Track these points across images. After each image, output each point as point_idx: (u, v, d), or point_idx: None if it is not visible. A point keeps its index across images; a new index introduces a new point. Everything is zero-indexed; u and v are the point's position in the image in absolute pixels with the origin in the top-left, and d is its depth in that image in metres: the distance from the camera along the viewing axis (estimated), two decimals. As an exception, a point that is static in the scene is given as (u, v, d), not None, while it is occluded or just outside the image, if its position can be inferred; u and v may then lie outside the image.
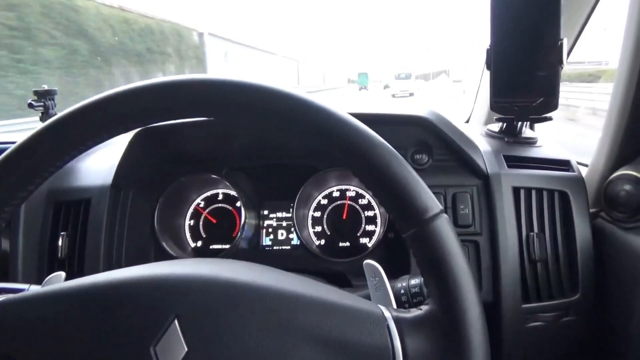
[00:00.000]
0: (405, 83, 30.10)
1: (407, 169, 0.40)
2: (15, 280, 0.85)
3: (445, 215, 0.40)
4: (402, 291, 0.60)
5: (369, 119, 0.49)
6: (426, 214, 0.39)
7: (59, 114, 0.42)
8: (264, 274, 0.42)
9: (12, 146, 0.42)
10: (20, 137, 0.43)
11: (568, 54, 1.01)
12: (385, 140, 0.41)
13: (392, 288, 0.52)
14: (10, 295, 0.41)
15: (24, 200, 0.43)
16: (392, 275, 0.54)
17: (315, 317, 0.37)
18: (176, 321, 0.36)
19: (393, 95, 26.84)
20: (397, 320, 0.38)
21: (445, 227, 0.39)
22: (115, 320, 0.37)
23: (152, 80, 0.42)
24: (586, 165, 0.95)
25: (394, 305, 0.47)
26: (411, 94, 26.30)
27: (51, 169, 0.43)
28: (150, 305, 0.37)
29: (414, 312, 0.39)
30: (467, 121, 1.40)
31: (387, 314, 0.39)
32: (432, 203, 0.39)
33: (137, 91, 0.41)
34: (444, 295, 0.38)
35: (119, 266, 0.85)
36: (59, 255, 0.84)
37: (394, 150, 0.40)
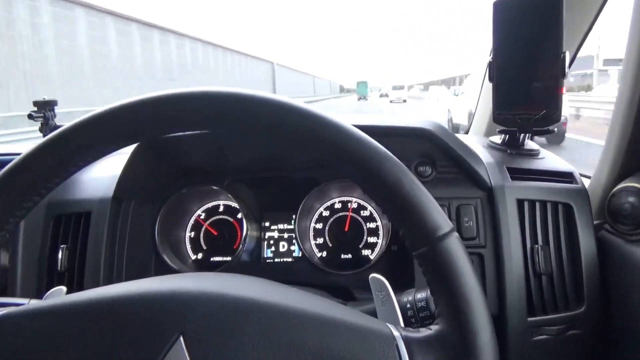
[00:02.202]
0: (400, 92, 39.03)
1: (418, 186, 0.40)
2: (14, 293, 0.84)
3: (456, 234, 0.39)
4: (409, 305, 0.59)
5: (373, 131, 0.49)
6: (437, 232, 0.38)
7: (62, 128, 0.42)
8: (270, 290, 0.42)
9: (16, 159, 0.42)
10: (23, 149, 0.42)
11: (569, 66, 1.02)
12: (389, 152, 0.41)
13: (398, 302, 0.51)
14: (11, 309, 0.40)
15: (28, 211, 0.43)
16: (396, 288, 0.54)
17: (323, 336, 0.37)
18: (181, 338, 0.36)
19: (391, 101, 35.45)
20: (406, 340, 0.38)
21: (456, 245, 0.39)
22: (119, 336, 0.37)
23: (160, 93, 0.42)
24: (589, 177, 0.95)
25: (402, 322, 0.47)
26: (404, 101, 34.66)
27: (56, 180, 0.42)
28: (155, 321, 0.37)
29: (424, 332, 0.39)
30: (467, 132, 1.40)
31: (396, 333, 0.38)
32: (443, 221, 0.39)
33: (142, 104, 0.41)
34: (454, 315, 0.37)
35: (120, 279, 0.84)
36: (59, 268, 0.83)
37: (405, 166, 0.40)
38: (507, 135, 0.96)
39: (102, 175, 0.90)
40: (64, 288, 0.51)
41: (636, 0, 0.77)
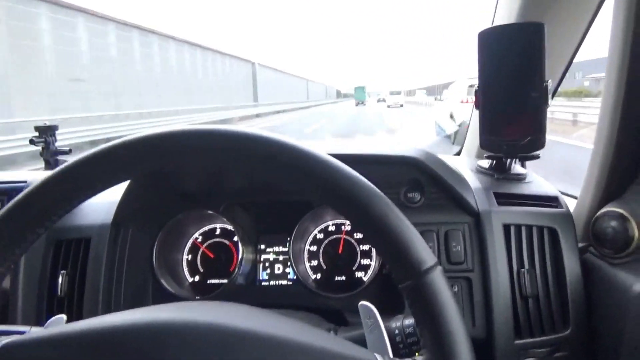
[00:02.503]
0: (397, 97, 41.90)
1: (404, 221, 0.42)
2: (15, 317, 0.86)
3: (439, 267, 0.41)
4: (397, 331, 0.61)
5: (362, 159, 0.51)
6: (422, 267, 0.40)
7: (68, 163, 0.45)
8: (261, 319, 0.43)
9: (21, 193, 0.44)
10: (27, 176, 0.45)
11: (553, 93, 1.05)
12: (379, 179, 0.43)
13: (387, 328, 0.53)
14: (14, 338, 0.42)
15: (32, 243, 0.45)
16: (388, 311, 0.55)
17: None
18: None
19: (388, 106, 37.34)
20: None
21: (439, 279, 0.41)
22: None
23: (161, 130, 0.45)
24: (575, 197, 0.97)
25: (389, 350, 0.49)
26: (401, 105, 36.43)
27: (60, 213, 0.45)
28: (148, 352, 0.38)
29: None
30: (459, 153, 1.43)
31: None
32: (427, 256, 0.41)
33: (144, 140, 0.44)
34: (438, 347, 0.39)
35: (118, 304, 0.86)
36: (59, 293, 0.85)
37: (390, 202, 0.42)
38: (494, 160, 0.99)
39: (101, 201, 0.93)
40: (64, 316, 0.53)
41: (612, 30, 0.80)
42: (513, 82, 0.89)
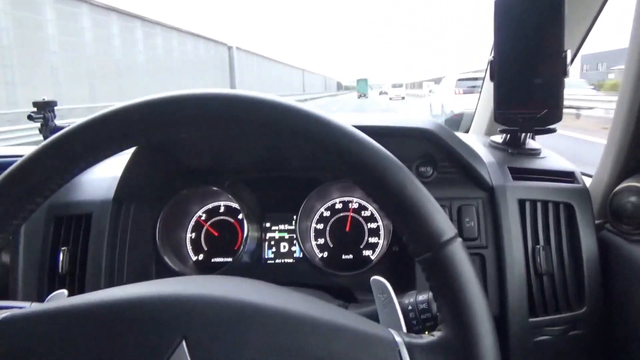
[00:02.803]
0: (398, 90, 42.12)
1: (422, 191, 0.39)
2: (15, 295, 0.85)
3: (459, 239, 0.39)
4: (410, 308, 0.59)
5: (374, 131, 0.49)
6: (441, 238, 0.38)
7: (64, 130, 0.42)
8: (273, 294, 0.42)
9: (18, 161, 0.42)
10: (24, 151, 0.42)
11: (571, 63, 1.02)
12: (390, 152, 0.40)
13: (400, 304, 0.51)
14: (14, 311, 0.40)
15: (30, 214, 0.43)
16: (397, 290, 0.54)
17: (326, 341, 0.37)
18: (184, 342, 0.36)
19: (390, 98, 38.66)
20: (409, 346, 0.38)
21: (459, 251, 0.38)
22: (121, 340, 0.37)
23: (162, 94, 0.42)
24: (590, 176, 0.94)
25: (403, 325, 0.47)
26: (403, 98, 37.69)
27: (58, 182, 0.42)
28: (158, 325, 0.37)
29: (427, 338, 0.39)
30: (467, 131, 1.40)
31: (398, 339, 0.38)
32: (447, 227, 0.39)
33: (145, 105, 0.41)
34: (457, 322, 0.37)
35: (121, 281, 0.84)
36: (60, 270, 0.83)
37: (409, 171, 0.40)
38: (508, 135, 0.96)
39: (103, 177, 0.90)
40: (65, 291, 0.52)
41: (636, 11, 0.76)
42: (530, 52, 0.86)
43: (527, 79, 0.86)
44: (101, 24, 17.71)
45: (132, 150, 0.86)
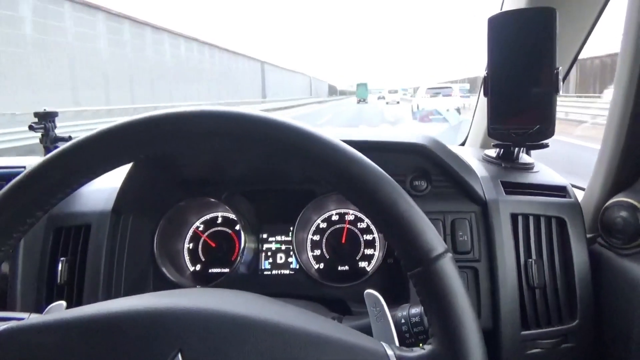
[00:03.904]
0: (394, 95, 46.39)
1: (414, 207, 0.41)
2: (14, 304, 0.85)
3: (449, 255, 0.40)
4: (403, 320, 0.60)
5: (368, 146, 0.50)
6: (431, 254, 0.39)
7: (67, 144, 0.43)
8: (268, 307, 0.42)
9: (20, 175, 0.43)
10: (26, 161, 0.43)
11: (563, 80, 1.03)
12: (385, 167, 0.41)
13: (393, 317, 0.52)
14: (12, 323, 0.41)
15: (31, 227, 0.44)
16: (392, 301, 0.54)
17: (319, 354, 0.38)
18: (180, 355, 0.36)
19: (387, 103, 41.46)
20: None
21: (449, 266, 0.40)
22: (119, 352, 0.37)
23: (166, 111, 0.43)
24: (582, 189, 0.96)
25: (396, 339, 0.48)
26: (397, 102, 40.29)
27: (59, 196, 0.43)
28: (154, 338, 0.37)
29: (417, 352, 0.40)
30: (463, 144, 1.41)
31: (390, 352, 0.39)
32: (437, 242, 0.40)
33: (146, 121, 0.42)
34: (447, 336, 0.38)
35: (118, 292, 0.85)
36: (58, 280, 0.84)
37: (400, 187, 0.41)
38: (502, 149, 0.97)
39: (102, 188, 0.91)
40: (64, 303, 0.52)
41: (626, 22, 0.78)
42: (523, 69, 0.87)
43: (520, 95, 0.88)
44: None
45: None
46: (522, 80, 0.88)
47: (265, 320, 0.39)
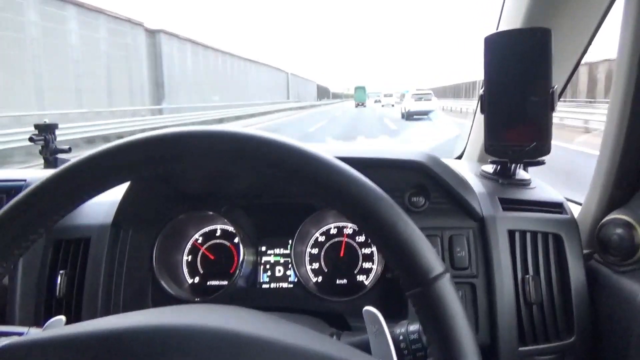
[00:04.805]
0: (389, 99, 50.07)
1: (412, 227, 0.41)
2: (13, 317, 0.85)
3: (448, 275, 0.41)
4: (401, 337, 0.60)
5: (367, 163, 0.50)
6: (430, 274, 0.40)
7: (71, 162, 0.44)
8: (267, 325, 0.43)
9: (23, 192, 0.43)
10: (26, 174, 0.44)
11: (559, 96, 1.05)
12: (383, 183, 0.42)
13: (391, 334, 0.52)
14: (13, 339, 0.41)
15: (33, 243, 0.44)
16: (390, 317, 0.55)
17: None
18: None
19: (382, 105, 45.76)
20: None
21: (448, 287, 0.40)
22: None
23: (163, 131, 0.44)
24: (579, 204, 0.96)
25: (395, 357, 0.48)
26: (392, 105, 43.50)
27: (62, 213, 0.44)
28: (156, 356, 0.38)
29: None
30: (460, 157, 1.42)
31: None
32: (436, 263, 0.40)
33: (149, 140, 0.43)
34: (446, 356, 0.38)
35: (117, 304, 0.85)
36: (57, 294, 0.84)
37: (399, 207, 0.42)
38: (499, 165, 0.98)
39: (102, 201, 0.92)
40: (63, 318, 0.52)
41: (621, 36, 0.79)
42: (519, 88, 0.89)
43: (516, 113, 0.89)
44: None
45: None
46: (518, 98, 0.89)
47: (264, 339, 0.39)
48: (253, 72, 40.64)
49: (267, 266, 0.98)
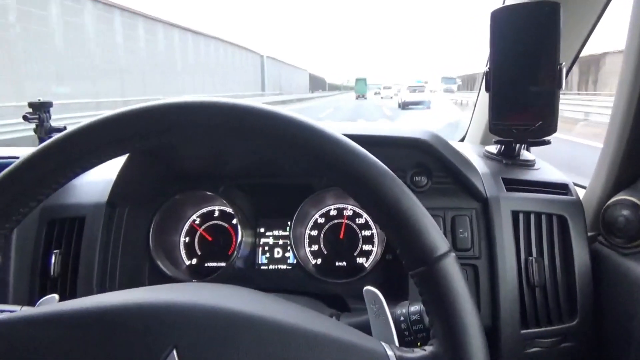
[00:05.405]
0: (389, 91, 49.48)
1: (417, 204, 0.40)
2: (6, 297, 0.84)
3: (453, 254, 0.39)
4: (402, 318, 0.59)
5: (369, 140, 0.49)
6: (435, 253, 0.38)
7: (62, 133, 0.42)
8: (265, 304, 0.42)
9: (14, 163, 0.42)
10: (20, 152, 0.42)
11: (565, 76, 1.02)
12: (386, 161, 0.40)
13: (392, 314, 0.51)
14: (4, 315, 0.40)
15: (24, 217, 0.43)
16: (390, 299, 0.54)
17: (317, 353, 0.37)
18: (174, 351, 0.35)
19: (381, 98, 45.77)
20: None
21: (453, 266, 0.39)
22: (112, 347, 0.36)
23: (159, 102, 0.42)
24: (584, 187, 0.95)
25: (395, 338, 0.47)
26: (391, 97, 42.94)
27: (54, 186, 0.43)
28: (148, 333, 0.37)
29: (418, 353, 0.39)
30: (463, 140, 1.40)
31: (390, 352, 0.38)
32: (441, 242, 0.39)
33: (142, 112, 0.41)
34: (449, 338, 0.37)
35: (113, 285, 0.84)
36: (51, 273, 0.83)
37: (404, 184, 0.40)
38: (503, 146, 0.96)
39: (97, 180, 0.90)
40: (56, 296, 0.51)
41: (631, 23, 0.77)
42: (526, 64, 0.86)
43: (522, 90, 0.87)
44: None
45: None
46: (524, 75, 0.87)
47: (263, 318, 0.38)
48: (201, 51, 26.89)
49: (266, 248, 0.97)
